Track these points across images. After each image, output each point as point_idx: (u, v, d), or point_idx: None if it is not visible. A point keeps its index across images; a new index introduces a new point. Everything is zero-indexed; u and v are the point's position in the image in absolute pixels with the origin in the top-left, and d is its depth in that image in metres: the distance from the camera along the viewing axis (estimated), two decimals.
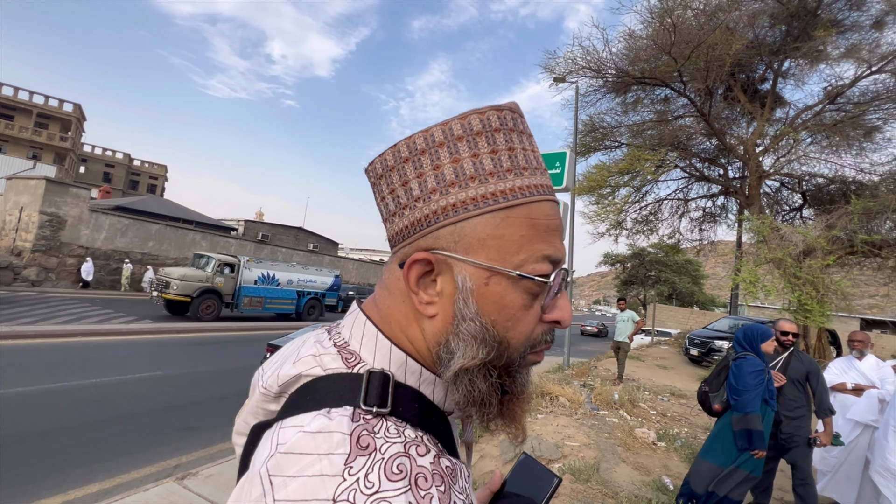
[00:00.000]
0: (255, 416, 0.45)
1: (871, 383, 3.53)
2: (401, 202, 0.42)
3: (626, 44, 11.94)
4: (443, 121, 0.42)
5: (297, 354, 0.44)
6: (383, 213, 0.45)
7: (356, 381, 0.40)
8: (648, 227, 14.50)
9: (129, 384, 6.24)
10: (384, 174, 0.43)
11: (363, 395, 0.38)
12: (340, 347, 0.44)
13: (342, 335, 0.46)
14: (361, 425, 0.36)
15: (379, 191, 0.44)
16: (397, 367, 0.42)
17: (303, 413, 0.38)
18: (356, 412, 0.37)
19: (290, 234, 32.05)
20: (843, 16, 10.94)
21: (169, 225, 19.30)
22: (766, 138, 12.19)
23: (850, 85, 10.85)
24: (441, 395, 0.44)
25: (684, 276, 29.47)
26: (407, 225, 0.42)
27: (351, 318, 0.47)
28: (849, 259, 10.24)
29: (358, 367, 0.42)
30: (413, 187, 0.41)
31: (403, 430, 0.38)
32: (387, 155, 0.43)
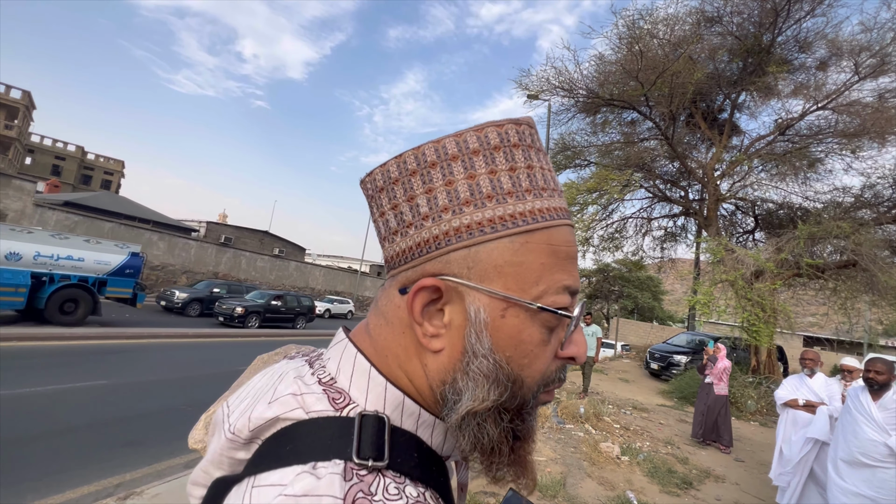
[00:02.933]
0: (219, 466, 0.38)
1: (821, 400, 3.72)
2: (404, 219, 0.37)
3: (597, 67, 12.44)
4: (456, 132, 0.37)
5: (274, 393, 0.37)
6: (381, 230, 0.39)
7: (346, 426, 0.34)
8: (614, 243, 14.99)
9: (68, 394, 5.76)
10: (385, 187, 0.38)
11: (356, 446, 0.32)
12: (326, 385, 0.37)
13: (327, 370, 0.39)
14: (356, 485, 0.30)
15: (378, 205, 0.39)
16: (393, 408, 0.36)
17: (282, 467, 0.31)
18: (348, 467, 0.31)
19: (255, 238, 31.02)
20: (793, 56, 11.85)
21: (123, 224, 18.24)
22: (724, 164, 12.95)
23: (797, 119, 11.71)
24: (440, 439, 0.39)
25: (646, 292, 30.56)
26: (412, 246, 0.37)
27: (338, 350, 0.40)
28: (795, 280, 10.94)
29: (348, 408, 0.35)
30: (420, 203, 0.36)
31: (404, 487, 0.32)
32: (390, 165, 0.37)
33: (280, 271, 25.42)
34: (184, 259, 20.05)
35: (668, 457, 5.22)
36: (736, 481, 4.83)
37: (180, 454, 4.50)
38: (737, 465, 5.45)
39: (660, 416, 7.70)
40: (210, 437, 0.43)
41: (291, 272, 26.19)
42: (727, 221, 14.46)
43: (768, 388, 9.36)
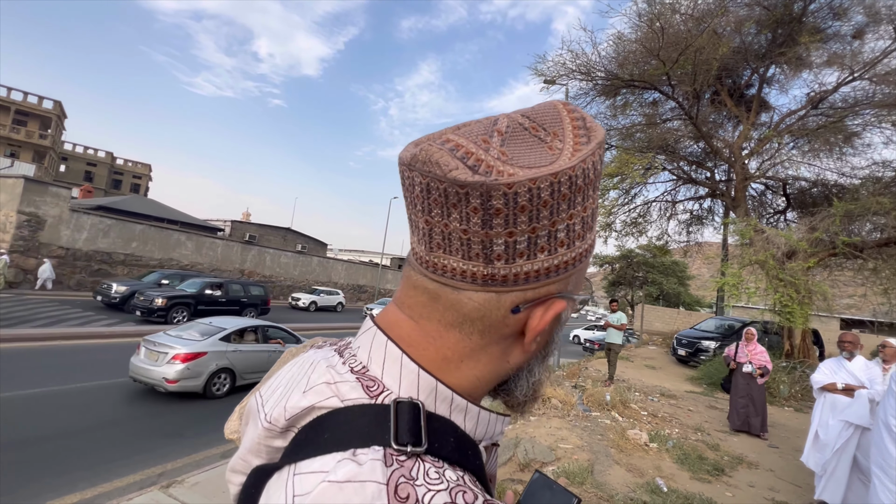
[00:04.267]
0: (257, 455, 0.39)
1: (861, 384, 3.58)
2: (538, 244, 0.35)
3: (615, 47, 12.07)
4: (579, 159, 0.35)
5: (308, 382, 0.38)
6: (498, 249, 0.34)
7: (382, 413, 0.34)
8: (638, 228, 14.65)
9: (112, 389, 6.06)
10: (530, 207, 0.33)
11: (393, 432, 0.33)
12: (359, 373, 0.38)
13: (358, 358, 0.40)
14: (397, 471, 0.31)
15: (508, 223, 0.34)
16: (427, 394, 0.37)
17: (322, 454, 0.32)
18: (388, 453, 0.32)
19: (278, 235, 31.66)
20: (826, 25, 11.21)
21: (153, 225, 18.89)
22: (752, 142, 12.42)
23: (831, 91, 11.11)
24: (472, 423, 0.40)
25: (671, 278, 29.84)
26: (540, 269, 0.36)
27: (367, 339, 0.41)
28: (830, 260, 10.47)
29: (382, 396, 0.36)
30: (560, 229, 0.35)
31: (444, 471, 0.33)
32: (541, 183, 0.33)
33: (303, 267, 25.92)
34: (211, 258, 20.67)
35: (698, 443, 5.13)
36: (770, 467, 4.72)
37: (217, 444, 4.69)
38: (771, 451, 5.32)
39: (689, 403, 7.56)
40: (244, 426, 0.45)
41: (314, 267, 26.68)
42: (756, 202, 13.94)
43: (803, 372, 9.04)
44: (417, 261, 0.39)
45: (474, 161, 0.34)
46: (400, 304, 0.41)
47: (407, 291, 0.41)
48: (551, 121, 0.39)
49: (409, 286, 0.40)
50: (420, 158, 0.34)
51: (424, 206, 0.36)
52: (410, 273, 0.41)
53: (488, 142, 0.35)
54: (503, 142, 0.36)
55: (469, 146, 0.35)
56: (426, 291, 0.39)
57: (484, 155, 0.34)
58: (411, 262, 0.41)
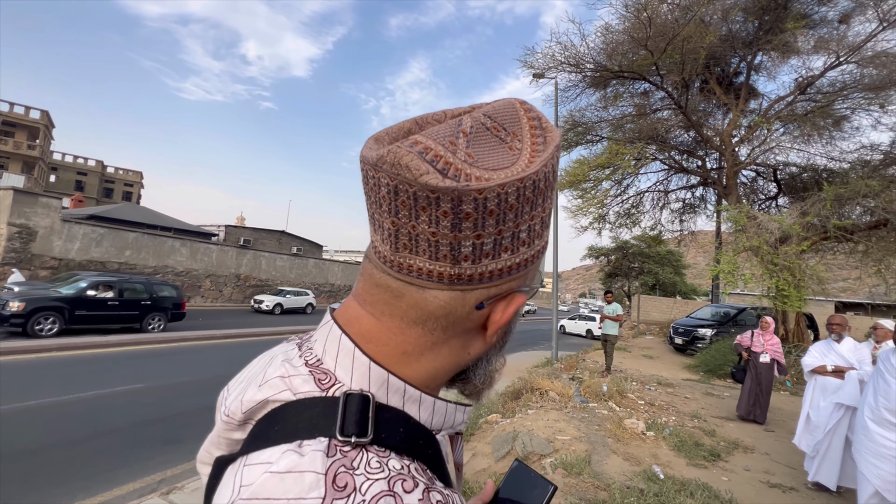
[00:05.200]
0: (218, 446, 0.41)
1: (850, 365, 3.63)
2: (502, 244, 0.37)
3: (604, 38, 12.09)
4: (541, 163, 0.36)
5: (264, 376, 0.40)
6: (466, 251, 0.36)
7: (332, 405, 0.36)
8: (631, 219, 14.73)
9: (109, 398, 6.04)
10: (498, 211, 0.35)
11: (340, 423, 0.34)
12: (313, 367, 0.39)
13: (314, 351, 0.41)
14: (338, 461, 0.32)
15: (477, 226, 0.35)
16: (378, 386, 0.38)
17: (271, 446, 0.34)
18: (332, 444, 0.33)
19: (273, 238, 31.55)
20: (812, 10, 11.25)
21: (146, 233, 18.78)
22: (742, 129, 12.48)
23: (819, 76, 11.17)
24: (428, 413, 0.41)
25: (667, 267, 30.02)
26: (503, 268, 0.38)
27: (324, 332, 0.42)
28: (823, 244, 10.57)
29: (333, 388, 0.37)
30: (522, 230, 0.37)
31: (387, 461, 0.34)
32: (509, 188, 0.34)
33: (300, 269, 25.87)
34: (206, 263, 20.58)
35: (694, 430, 5.18)
36: (766, 451, 4.77)
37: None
38: (766, 435, 5.38)
39: (685, 391, 7.62)
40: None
41: (310, 269, 26.62)
42: (748, 189, 14.02)
43: (798, 356, 9.13)
44: (380, 259, 0.39)
45: (443, 164, 0.34)
46: (361, 300, 0.41)
47: (368, 289, 0.41)
48: (511, 120, 0.40)
49: (371, 284, 0.40)
50: (388, 161, 0.34)
51: (391, 208, 0.36)
52: (372, 271, 0.40)
53: (455, 144, 0.36)
54: (468, 143, 0.36)
55: (438, 149, 0.34)
56: (389, 290, 0.39)
57: (452, 158, 0.34)
58: (372, 259, 0.41)
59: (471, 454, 4.26)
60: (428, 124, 0.42)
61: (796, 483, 3.91)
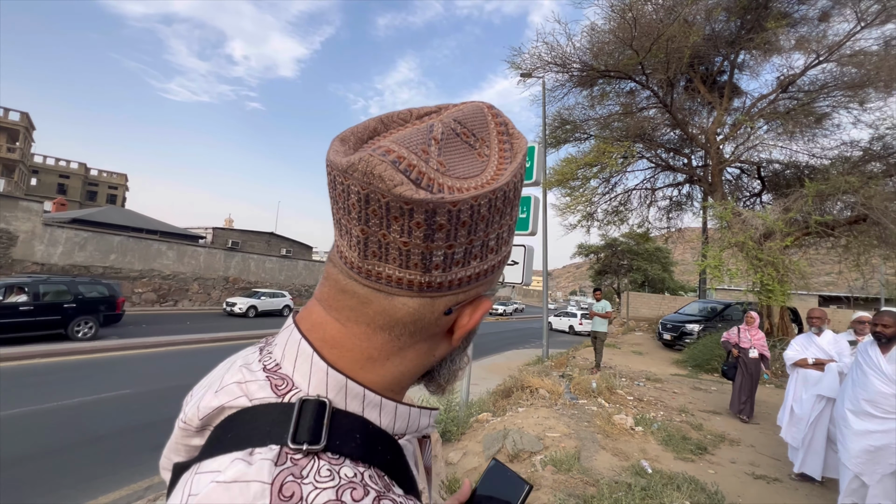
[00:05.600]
0: (177, 452, 0.41)
1: (830, 357, 3.72)
2: (472, 253, 0.37)
3: (590, 38, 12.17)
4: (511, 174, 0.37)
5: (221, 382, 0.39)
6: (437, 259, 0.36)
7: (286, 412, 0.35)
8: (619, 217, 14.86)
9: (94, 405, 5.94)
10: (470, 222, 0.36)
11: (292, 430, 0.34)
12: (270, 372, 0.39)
13: (273, 356, 0.41)
14: (287, 469, 0.32)
15: (452, 236, 0.35)
16: (336, 392, 0.38)
17: (223, 454, 0.33)
18: (283, 452, 0.33)
19: (262, 240, 31.24)
20: (793, 9, 11.46)
21: (132, 236, 18.47)
22: (726, 127, 12.67)
23: (800, 74, 11.38)
24: (389, 418, 0.40)
25: (655, 264, 30.38)
26: (471, 275, 0.39)
27: (284, 336, 0.41)
28: (805, 240, 10.78)
29: (290, 394, 0.37)
30: (491, 238, 0.38)
31: (339, 469, 0.34)
32: (481, 200, 0.35)
33: (289, 271, 25.67)
34: (194, 266, 20.32)
35: (682, 424, 5.26)
36: (751, 443, 4.86)
37: None
38: (752, 427, 5.48)
39: (673, 386, 7.73)
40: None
41: (300, 271, 26.43)
42: (733, 186, 14.24)
43: (782, 349, 9.31)
44: (347, 265, 0.38)
45: (417, 174, 0.33)
46: (326, 305, 0.40)
47: (334, 294, 0.40)
48: (480, 127, 0.40)
49: (337, 289, 0.39)
50: (360, 169, 0.33)
51: (361, 216, 0.34)
52: (338, 276, 0.39)
53: (427, 152, 0.35)
54: (440, 151, 0.36)
55: (410, 157, 0.34)
56: (356, 296, 0.38)
57: (425, 167, 0.34)
58: (338, 264, 0.39)
59: (461, 453, 4.27)
60: (394, 123, 0.41)
61: (780, 474, 3.99)
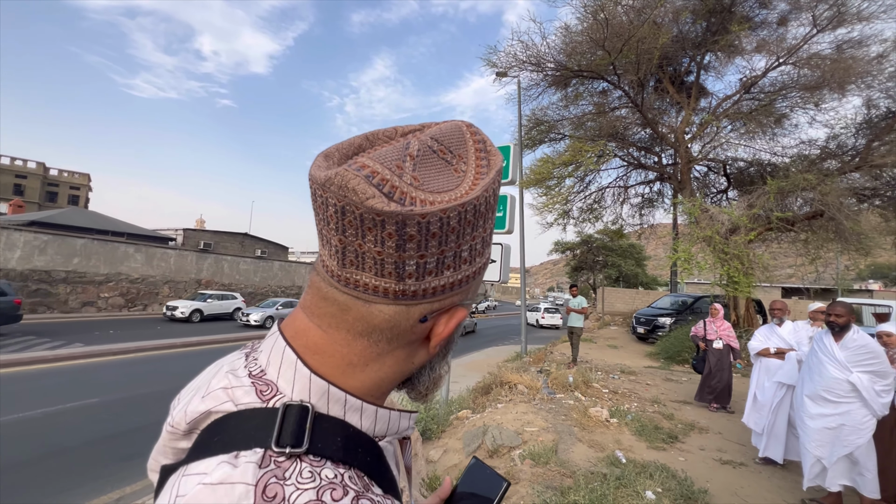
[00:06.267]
0: (165, 455, 0.42)
1: (790, 346, 3.93)
2: (445, 263, 0.39)
3: (563, 38, 12.36)
4: (482, 188, 0.39)
5: (208, 387, 0.41)
6: (410, 269, 0.38)
7: (270, 417, 0.37)
8: (593, 214, 15.18)
9: (60, 416, 5.70)
10: (440, 233, 0.37)
11: (276, 434, 0.36)
12: (256, 378, 0.40)
13: (259, 362, 0.42)
14: (270, 471, 0.34)
15: (421, 247, 0.37)
16: (318, 397, 0.39)
17: (209, 457, 0.35)
18: (267, 455, 0.35)
19: (236, 241, 30.47)
20: (754, 13, 11.95)
21: (96, 239, 17.72)
22: (694, 126, 13.11)
23: (761, 76, 11.88)
24: (370, 421, 0.42)
25: (629, 259, 31.20)
26: (445, 284, 0.40)
27: (269, 343, 0.43)
28: (768, 234, 11.29)
29: (274, 399, 0.39)
30: (464, 249, 0.40)
31: (320, 470, 0.35)
32: (451, 213, 0.37)
33: (265, 272, 25.15)
34: (164, 269, 19.68)
35: (654, 415, 5.44)
36: (719, 431, 5.08)
37: None
38: (719, 416, 5.72)
39: (647, 378, 7.97)
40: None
41: (276, 272, 25.94)
42: (700, 183, 14.74)
43: (749, 340, 9.73)
44: (328, 273, 0.40)
45: (389, 188, 0.36)
46: (309, 312, 0.42)
47: (316, 301, 0.42)
48: (457, 143, 0.42)
49: (319, 297, 0.41)
50: (336, 183, 0.35)
51: (338, 227, 0.37)
52: (320, 284, 0.41)
53: (402, 167, 0.37)
54: (415, 166, 0.38)
55: (384, 172, 0.36)
56: (336, 303, 0.40)
57: (398, 181, 0.36)
58: (320, 272, 0.41)
59: (442, 450, 4.31)
60: (379, 140, 0.43)
61: (746, 459, 4.19)
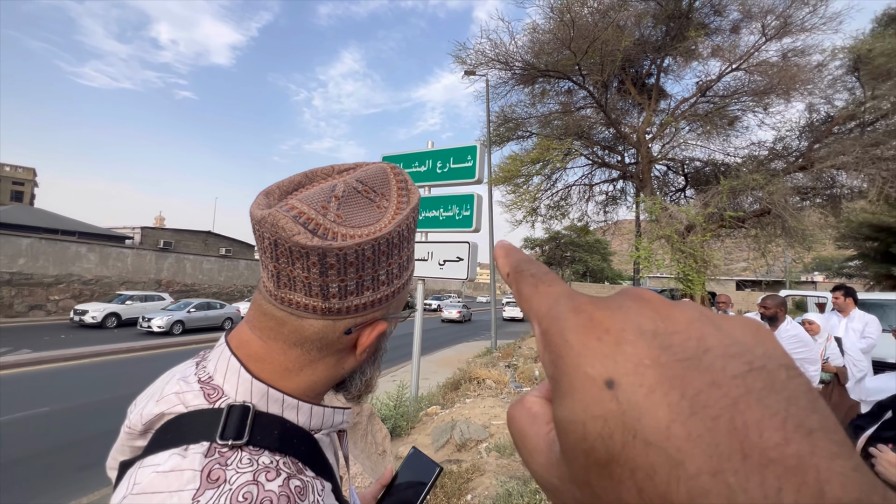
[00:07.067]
0: (123, 453, 0.47)
1: None
2: (364, 285, 0.47)
3: (531, 37, 12.58)
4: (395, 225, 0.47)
5: (161, 392, 0.47)
6: (333, 290, 0.45)
7: (216, 416, 0.43)
8: (560, 211, 15.57)
9: (8, 426, 5.40)
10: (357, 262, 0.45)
11: (220, 430, 0.42)
12: (204, 383, 0.47)
13: (207, 370, 0.48)
14: (214, 459, 0.40)
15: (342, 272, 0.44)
16: (259, 397, 0.46)
17: (162, 451, 0.41)
18: (212, 447, 0.41)
19: (198, 240, 29.37)
20: (710, 20, 12.54)
21: (44, 238, 16.68)
22: (654, 127, 13.66)
23: (715, 80, 12.51)
24: (306, 417, 0.49)
25: (595, 255, 32.17)
26: (366, 302, 0.48)
27: (217, 353, 0.49)
28: (721, 231, 11.94)
29: (220, 401, 0.45)
30: (381, 274, 0.48)
31: (258, 458, 0.42)
32: (365, 246, 0.44)
33: (230, 272, 24.37)
34: (120, 269, 18.76)
35: None
36: None
37: None
38: None
39: None
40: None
41: (242, 271, 25.19)
42: (660, 182, 15.37)
43: None
44: (268, 293, 0.48)
45: (314, 225, 0.43)
46: (252, 326, 0.50)
47: (258, 316, 0.49)
48: (381, 183, 0.51)
49: (260, 312, 0.49)
50: (269, 221, 0.43)
51: (273, 256, 0.45)
52: (261, 302, 0.49)
53: (326, 207, 0.45)
54: (339, 205, 0.46)
55: (310, 212, 0.44)
56: (274, 318, 0.48)
57: (322, 219, 0.44)
58: (262, 291, 0.49)
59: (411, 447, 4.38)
60: (318, 177, 0.53)
61: None
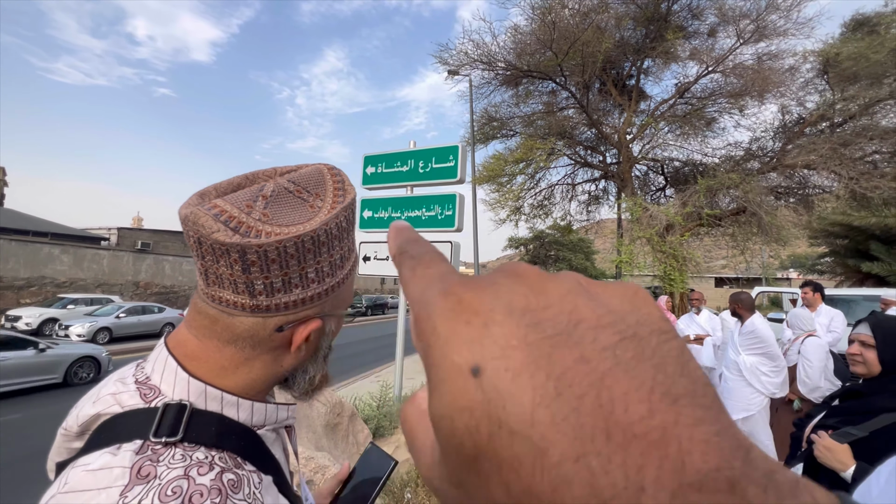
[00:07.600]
0: (60, 455, 0.47)
1: (706, 332, 4.35)
2: (291, 282, 0.47)
3: (513, 38, 12.68)
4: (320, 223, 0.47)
5: (98, 394, 0.47)
6: (259, 287, 0.45)
7: (152, 414, 0.43)
8: (544, 210, 15.73)
9: None
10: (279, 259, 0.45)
11: (154, 428, 0.42)
12: (141, 384, 0.47)
13: (145, 371, 0.49)
14: (146, 456, 0.40)
15: (265, 269, 0.45)
16: (197, 395, 0.46)
17: (95, 451, 0.41)
18: (145, 444, 0.41)
19: (178, 240, 28.70)
20: (688, 23, 12.81)
21: (14, 239, 16.11)
22: (634, 128, 13.90)
23: (693, 82, 12.79)
24: (247, 414, 0.49)
25: (578, 254, 32.54)
26: (296, 300, 0.48)
27: (155, 354, 0.50)
28: (699, 230, 12.24)
29: (156, 401, 0.45)
30: (309, 272, 0.48)
31: (192, 454, 0.42)
32: (286, 243, 0.44)
33: None
34: (96, 271, 18.25)
35: None
36: None
37: None
38: None
39: None
40: None
41: None
42: (641, 182, 15.65)
43: None
44: (200, 291, 0.49)
45: (236, 223, 0.44)
46: (188, 325, 0.50)
47: (194, 315, 0.50)
48: (315, 183, 0.51)
49: (196, 311, 0.50)
50: (191, 219, 0.44)
51: (199, 253, 0.45)
52: (196, 300, 0.50)
53: (252, 206, 0.45)
54: (267, 204, 0.46)
55: (232, 211, 0.44)
56: (208, 316, 0.48)
57: (246, 217, 0.44)
58: (197, 291, 0.50)
59: (394, 447, 4.38)
60: (259, 179, 0.52)
61: None
